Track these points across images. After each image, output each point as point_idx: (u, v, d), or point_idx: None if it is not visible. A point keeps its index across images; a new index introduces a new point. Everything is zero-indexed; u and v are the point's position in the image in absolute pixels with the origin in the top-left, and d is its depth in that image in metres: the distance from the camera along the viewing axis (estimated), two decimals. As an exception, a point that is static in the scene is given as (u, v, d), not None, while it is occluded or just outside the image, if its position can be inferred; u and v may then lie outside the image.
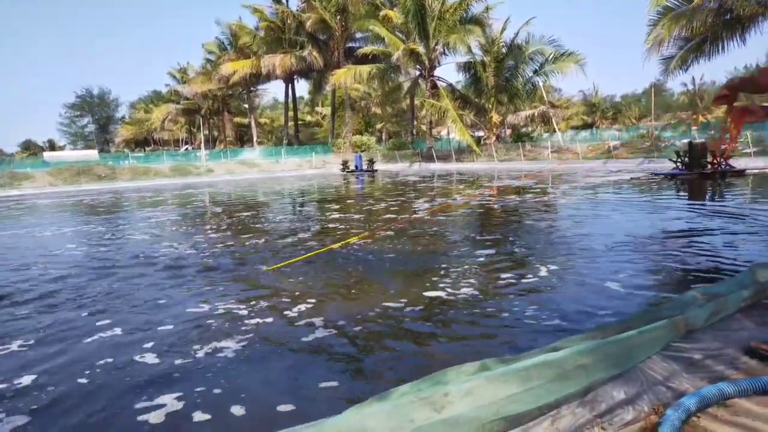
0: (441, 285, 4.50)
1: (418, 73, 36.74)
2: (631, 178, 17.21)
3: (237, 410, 2.48)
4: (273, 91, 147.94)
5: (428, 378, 1.73)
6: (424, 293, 4.27)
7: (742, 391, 1.92)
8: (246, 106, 54.30)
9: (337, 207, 12.60)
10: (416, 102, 38.86)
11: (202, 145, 48.45)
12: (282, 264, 5.48)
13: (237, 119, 59.30)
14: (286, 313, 3.95)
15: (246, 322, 3.79)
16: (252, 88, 50.17)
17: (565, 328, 3.29)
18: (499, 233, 7.54)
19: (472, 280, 4.63)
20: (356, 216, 10.37)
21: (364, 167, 33.22)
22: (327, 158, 41.08)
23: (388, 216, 9.96)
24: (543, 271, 4.89)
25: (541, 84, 35.44)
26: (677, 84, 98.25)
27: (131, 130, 66.10)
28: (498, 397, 1.82)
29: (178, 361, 3.12)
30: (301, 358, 3.10)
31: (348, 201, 14.78)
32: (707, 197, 11.50)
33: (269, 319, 3.82)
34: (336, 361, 3.03)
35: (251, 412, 2.46)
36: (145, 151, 59.88)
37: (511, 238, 7.00)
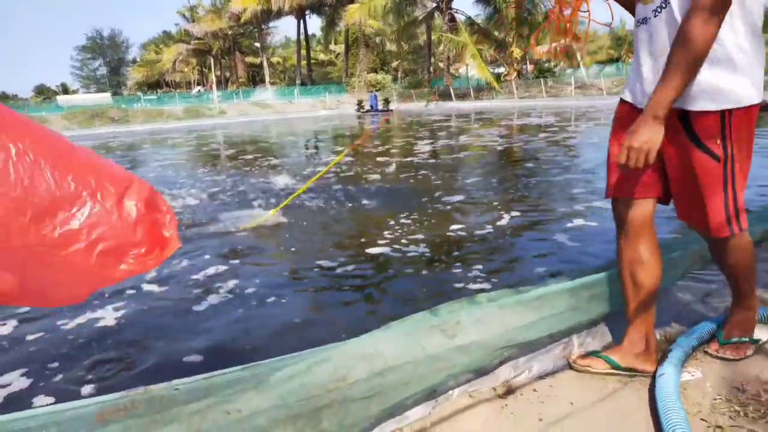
0: (385, 240, 4.22)
1: (434, 5, 35.39)
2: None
3: (87, 390, 2.21)
4: (285, 29, 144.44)
5: (442, 307, 1.75)
6: (366, 250, 4.03)
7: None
8: (257, 45, 53.20)
9: (340, 149, 12.46)
10: (433, 37, 37.67)
11: (214, 86, 47.96)
12: (250, 225, 4.93)
13: (248, 59, 58.28)
14: (193, 276, 3.57)
15: (135, 288, 3.40)
16: (263, 26, 48.96)
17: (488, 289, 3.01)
18: (483, 177, 7.37)
19: (419, 236, 4.32)
20: (349, 159, 10.23)
21: (380, 107, 32.70)
22: (341, 98, 40.49)
23: (383, 159, 9.78)
24: (505, 220, 4.68)
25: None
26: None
27: (143, 72, 65.47)
28: (510, 326, 1.84)
29: (32, 336, 2.78)
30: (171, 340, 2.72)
31: (354, 142, 14.65)
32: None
33: (158, 288, 3.43)
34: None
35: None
36: (157, 93, 59.52)
37: (493, 181, 6.89)
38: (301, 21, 44.75)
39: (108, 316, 3.01)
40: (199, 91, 52.81)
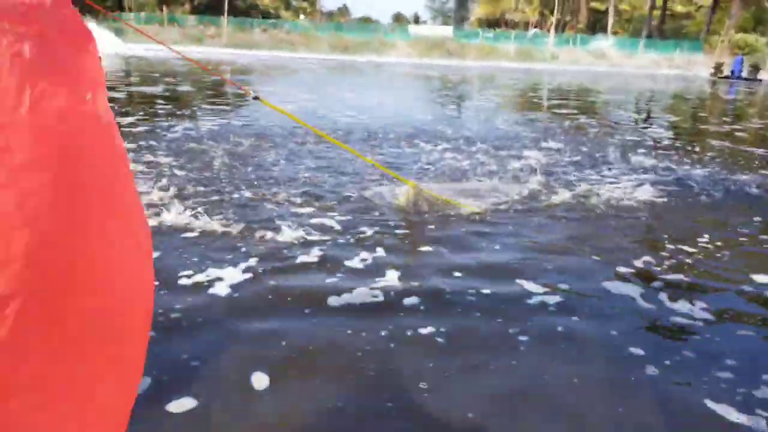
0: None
1: None
2: None
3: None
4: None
5: None
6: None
7: None
8: (608, -13, 48.63)
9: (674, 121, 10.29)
10: None
11: (552, 28, 46.17)
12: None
13: (593, 4, 54.10)
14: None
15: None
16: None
17: None
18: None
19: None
20: (671, 138, 8.18)
21: (744, 75, 26.62)
22: (694, 58, 34.40)
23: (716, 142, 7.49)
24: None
25: None
26: None
27: (486, 9, 67.12)
28: None
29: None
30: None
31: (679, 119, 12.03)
32: None
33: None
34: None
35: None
36: (495, 31, 60.56)
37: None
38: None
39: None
40: (535, 32, 51.67)
